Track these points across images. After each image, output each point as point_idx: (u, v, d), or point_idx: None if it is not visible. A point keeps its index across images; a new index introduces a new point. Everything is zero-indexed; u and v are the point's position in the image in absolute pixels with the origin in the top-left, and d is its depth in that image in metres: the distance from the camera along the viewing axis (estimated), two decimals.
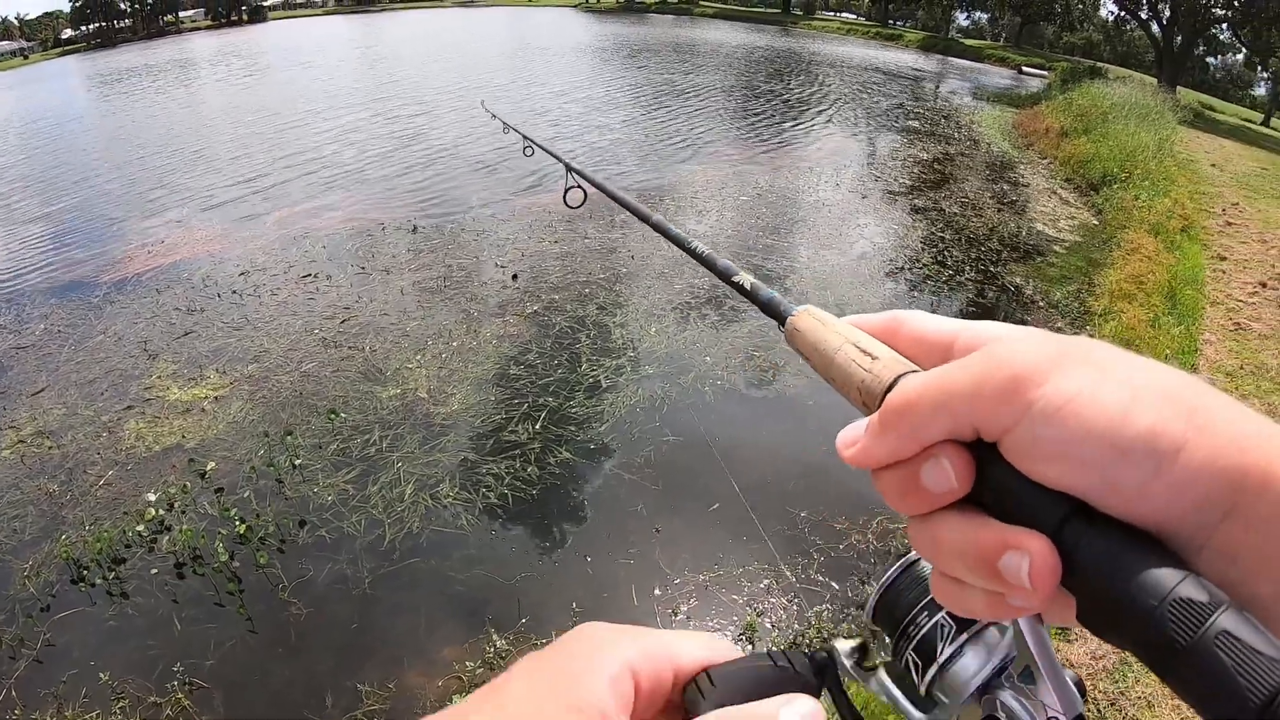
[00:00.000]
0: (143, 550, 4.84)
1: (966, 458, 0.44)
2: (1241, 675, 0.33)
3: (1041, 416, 0.40)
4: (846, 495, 5.69)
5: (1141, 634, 0.36)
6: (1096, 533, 0.39)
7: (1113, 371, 0.41)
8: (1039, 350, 0.42)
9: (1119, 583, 0.38)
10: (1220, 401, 0.40)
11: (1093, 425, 0.39)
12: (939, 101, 28.56)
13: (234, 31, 50.61)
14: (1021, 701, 0.53)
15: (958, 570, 0.45)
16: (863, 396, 0.52)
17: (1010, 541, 0.41)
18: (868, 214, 12.81)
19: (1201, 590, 0.35)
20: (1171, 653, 0.35)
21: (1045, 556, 0.39)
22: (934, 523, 0.46)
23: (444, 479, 5.59)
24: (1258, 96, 73.11)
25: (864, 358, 0.53)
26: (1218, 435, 0.38)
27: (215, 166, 14.21)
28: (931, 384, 0.45)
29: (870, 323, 0.57)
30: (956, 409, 0.43)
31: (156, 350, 7.29)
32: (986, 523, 0.43)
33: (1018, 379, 0.41)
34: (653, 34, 47.28)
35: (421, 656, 4.28)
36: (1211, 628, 0.34)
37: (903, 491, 0.46)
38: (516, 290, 8.78)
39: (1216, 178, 17.66)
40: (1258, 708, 0.32)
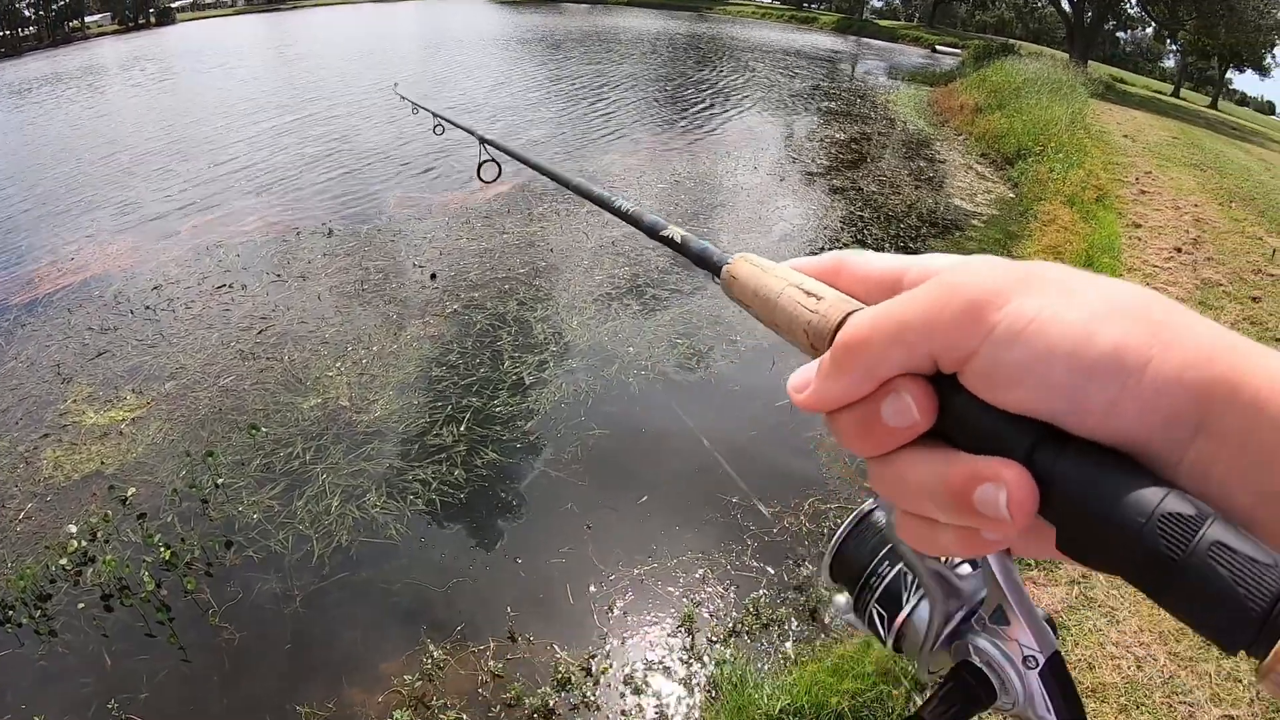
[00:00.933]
0: (68, 584, 4.76)
1: (927, 389, 0.43)
2: (1240, 584, 0.33)
3: (1003, 339, 0.39)
4: (777, 478, 5.78)
5: (1130, 554, 0.36)
6: (1071, 456, 0.39)
7: (1075, 290, 0.40)
8: (997, 273, 0.42)
9: (1100, 504, 0.37)
10: (1186, 316, 0.39)
11: (1057, 344, 0.38)
12: (855, 82, 28.87)
13: (143, 35, 49.21)
14: (995, 643, 0.53)
15: (927, 508, 0.44)
16: (810, 339, 0.51)
17: (983, 473, 0.40)
18: (786, 196, 12.94)
19: (1187, 504, 0.35)
20: (1164, 569, 0.35)
21: (1022, 484, 0.39)
22: (897, 461, 0.45)
23: (370, 489, 5.58)
24: (1167, 69, 74.79)
25: (808, 299, 0.52)
26: (1184, 348, 0.37)
27: (127, 176, 13.85)
28: (884, 316, 0.44)
29: (811, 265, 0.56)
30: (913, 340, 0.42)
31: (70, 373, 7.15)
32: (954, 456, 0.42)
33: (976, 303, 0.41)
34: (568, 24, 46.84)
35: (360, 672, 4.27)
36: (1203, 540, 0.34)
37: (862, 432, 0.45)
38: (436, 290, 8.75)
39: (1129, 148, 18.09)
40: (1260, 615, 0.32)
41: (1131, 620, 4.31)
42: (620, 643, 4.48)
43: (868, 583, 0.64)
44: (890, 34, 54.35)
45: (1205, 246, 11.18)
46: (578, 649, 4.42)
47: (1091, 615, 4.35)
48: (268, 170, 13.90)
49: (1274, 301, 9.36)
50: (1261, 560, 0.33)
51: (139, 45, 40.59)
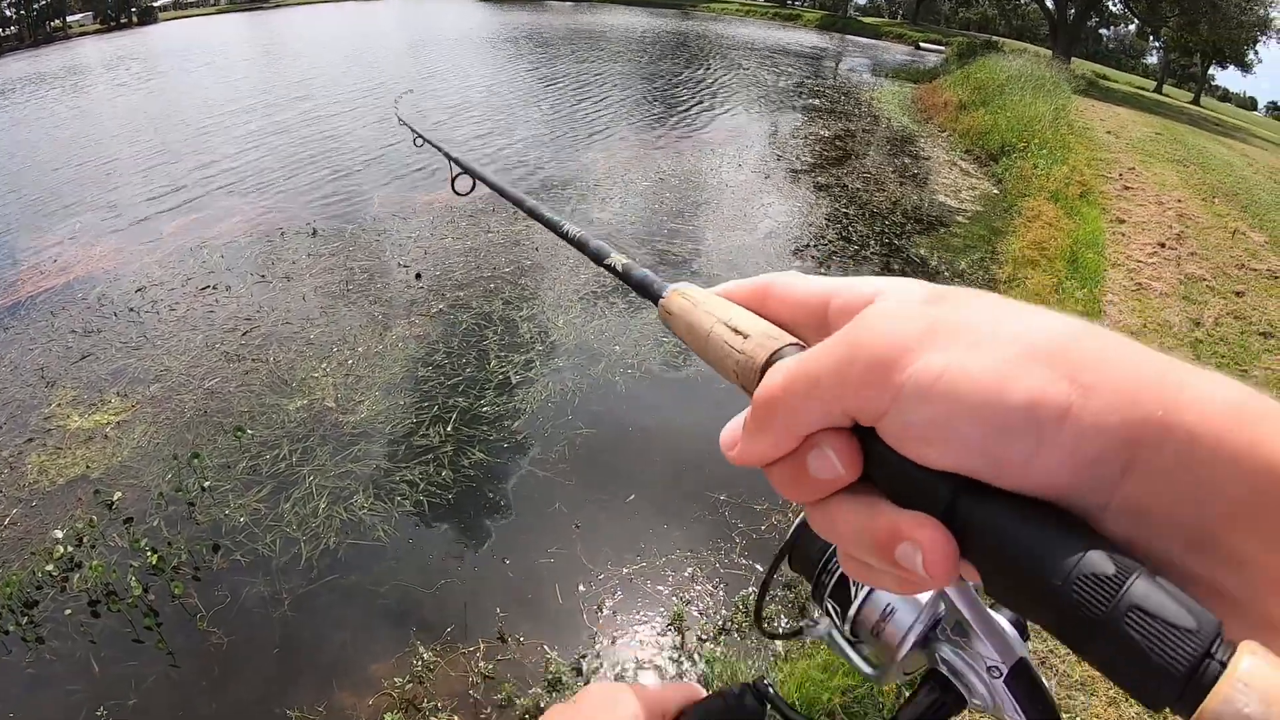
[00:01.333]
0: (55, 591, 4.73)
1: (851, 442, 0.42)
2: (1155, 652, 0.32)
3: (912, 399, 0.38)
4: (764, 476, 5.77)
5: (1050, 611, 0.35)
6: (991, 509, 0.38)
7: (987, 337, 0.39)
8: (904, 324, 0.41)
9: (1021, 560, 0.36)
10: (1111, 350, 0.38)
11: (967, 402, 0.37)
12: (839, 79, 29.00)
13: (125, 35, 48.82)
14: (959, 655, 0.54)
15: (861, 553, 0.44)
16: (741, 379, 0.51)
17: (903, 531, 0.39)
18: (772, 193, 12.95)
19: (1108, 561, 0.34)
20: (1083, 629, 0.34)
21: (937, 546, 0.38)
22: (829, 509, 0.45)
23: (358, 490, 5.56)
24: (1150, 65, 75.39)
25: (735, 337, 0.52)
26: (1106, 391, 0.36)
27: (110, 177, 13.75)
28: (797, 374, 0.44)
29: (740, 292, 0.56)
30: (825, 398, 0.42)
31: (54, 377, 7.10)
32: (880, 508, 0.42)
33: (882, 362, 0.39)
34: (553, 22, 46.78)
35: (349, 675, 4.26)
36: (1121, 603, 0.33)
37: (792, 483, 0.45)
38: (421, 289, 8.72)
39: (1112, 144, 18.22)
40: (1177, 684, 0.32)
41: None
42: (610, 642, 4.48)
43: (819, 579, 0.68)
44: (874, 31, 54.64)
45: (1188, 241, 11.27)
46: (568, 649, 4.42)
47: None
48: (251, 170, 13.81)
49: (1257, 295, 9.43)
50: (1180, 625, 0.32)
51: (121, 45, 40.34)
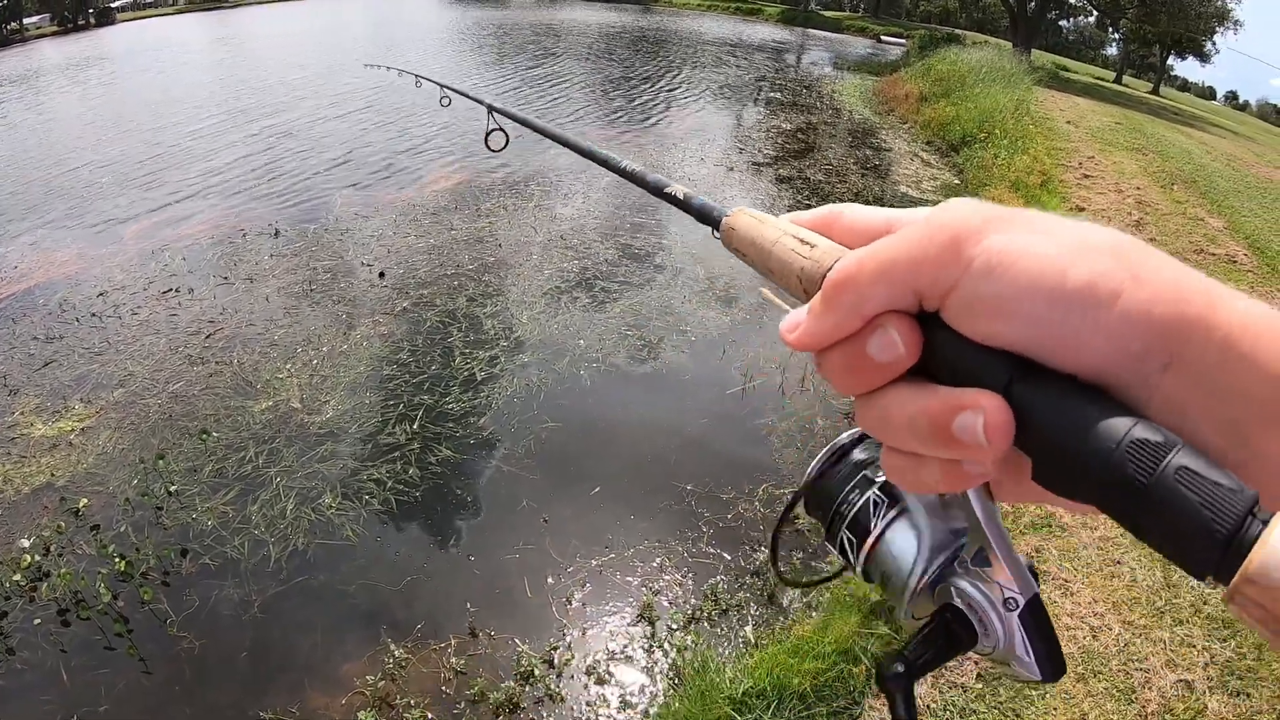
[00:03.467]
0: (23, 601, 4.68)
1: (912, 324, 0.44)
2: (1205, 507, 0.34)
3: (981, 272, 0.41)
4: (731, 465, 5.83)
5: (1101, 480, 0.37)
6: (1045, 387, 0.40)
7: (1050, 228, 0.42)
8: (977, 211, 0.43)
9: (1073, 433, 0.38)
10: (1159, 257, 0.41)
11: (1032, 277, 0.40)
12: (801, 72, 29.06)
13: (83, 37, 47.95)
14: (976, 585, 0.54)
15: (910, 443, 0.45)
16: (803, 284, 0.53)
17: (962, 402, 0.41)
18: (734, 186, 13.04)
19: (1155, 431, 0.36)
20: (1133, 494, 0.36)
21: (998, 411, 0.40)
22: (883, 398, 0.46)
23: (325, 490, 5.55)
24: (1109, 56, 76.14)
25: (803, 246, 0.54)
26: (1155, 285, 0.39)
27: (69, 182, 13.53)
28: (872, 254, 0.46)
29: (806, 218, 0.58)
30: (898, 276, 0.44)
31: (17, 385, 7.01)
32: (936, 390, 0.44)
33: (956, 238, 0.42)
34: (514, 18, 46.56)
35: (322, 675, 4.25)
36: (1169, 465, 0.35)
37: (850, 368, 0.47)
38: (385, 288, 8.69)
39: (1072, 134, 18.36)
40: (1225, 537, 0.33)
41: (1085, 591, 4.39)
42: (581, 634, 4.50)
43: (839, 510, 0.66)
44: (835, 25, 54.67)
45: (1148, 228, 11.39)
46: (539, 642, 4.43)
47: (1046, 587, 4.42)
48: (212, 172, 13.65)
49: (1216, 279, 9.49)
50: (1226, 484, 0.34)
51: (79, 47, 39.73)
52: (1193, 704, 3.78)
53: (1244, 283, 9.57)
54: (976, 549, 0.55)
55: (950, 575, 0.57)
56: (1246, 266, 10.26)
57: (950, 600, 0.55)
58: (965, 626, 0.54)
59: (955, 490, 0.49)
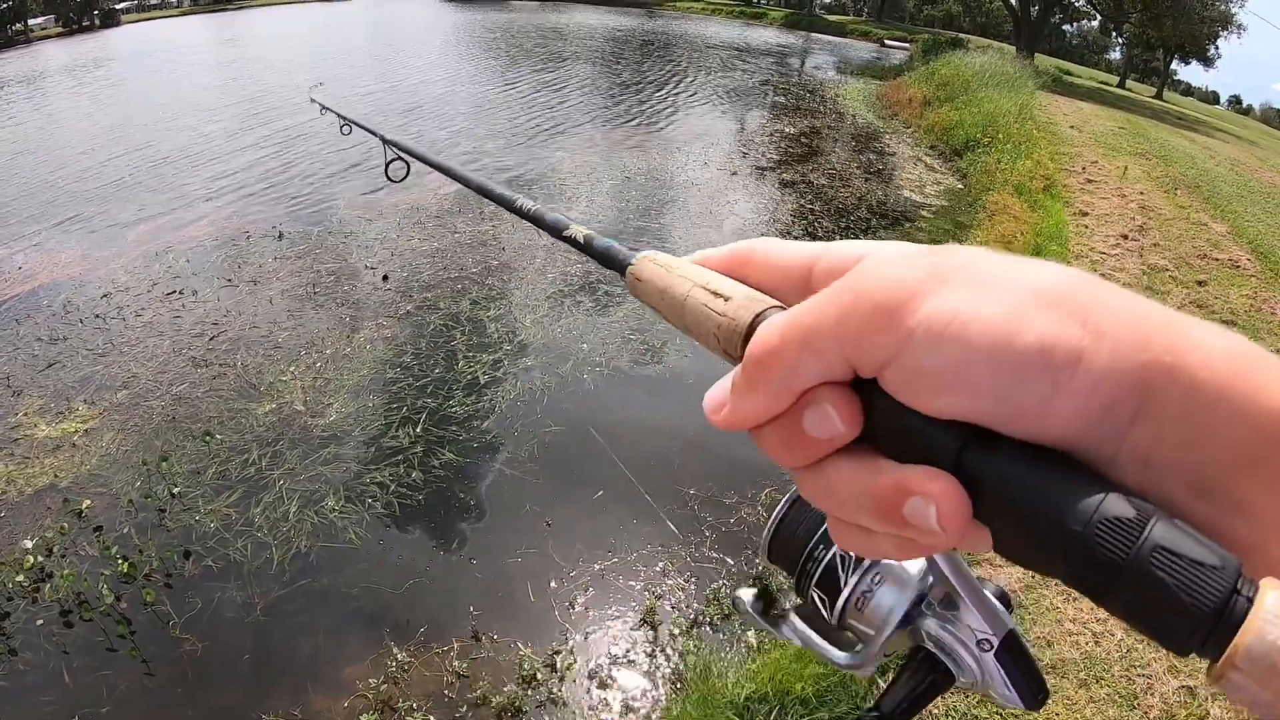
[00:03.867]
0: (26, 601, 4.69)
1: (850, 397, 0.40)
2: (1184, 590, 0.32)
3: (923, 344, 0.37)
4: (734, 468, 5.81)
5: (1069, 560, 0.34)
6: (1001, 459, 0.37)
7: (993, 280, 0.38)
8: (910, 269, 0.39)
9: (1036, 509, 0.35)
10: (1115, 298, 0.37)
11: (980, 345, 0.36)
12: (804, 76, 29.17)
13: (88, 38, 47.98)
14: (947, 628, 0.53)
15: (859, 519, 0.42)
16: (722, 344, 0.49)
17: (911, 486, 0.38)
18: (738, 190, 12.99)
19: (1127, 505, 0.34)
20: (1106, 577, 0.33)
21: (950, 497, 0.37)
22: (825, 472, 0.43)
23: (328, 493, 5.55)
24: (1113, 61, 76.29)
25: (716, 300, 0.50)
26: (1116, 335, 0.35)
27: (74, 183, 13.54)
28: (792, 324, 0.41)
29: (717, 258, 0.53)
30: (825, 348, 0.40)
31: (21, 386, 7.02)
32: (882, 466, 0.40)
33: (889, 306, 0.38)
34: (516, 21, 46.64)
35: (324, 679, 4.25)
36: (1145, 545, 0.32)
37: (785, 446, 0.43)
38: (389, 291, 8.70)
39: (1076, 138, 18.40)
40: (1208, 618, 0.31)
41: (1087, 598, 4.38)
42: (584, 638, 4.50)
43: (804, 568, 0.64)
44: (839, 29, 54.82)
45: (1151, 233, 11.39)
46: (542, 646, 4.43)
47: (1048, 593, 4.43)
48: (216, 174, 13.69)
49: (1219, 285, 9.56)
50: (1206, 562, 0.32)
51: (83, 49, 39.80)
52: (1195, 710, 3.78)
53: (1247, 288, 9.58)
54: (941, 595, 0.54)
55: (918, 616, 0.56)
56: (1250, 271, 10.26)
57: (921, 642, 0.55)
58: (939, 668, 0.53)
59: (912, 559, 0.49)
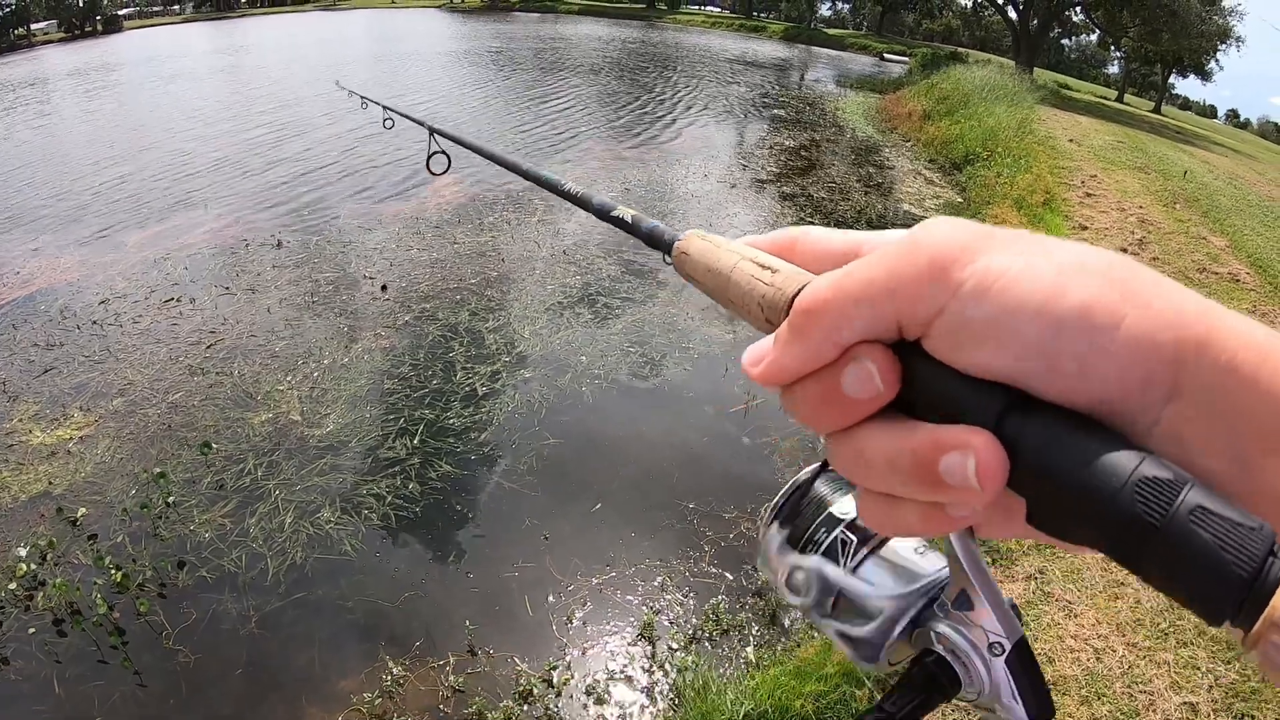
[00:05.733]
0: (18, 610, 4.65)
1: (891, 356, 0.41)
2: (1225, 549, 0.31)
3: (970, 296, 0.38)
4: (733, 483, 5.81)
5: (1106, 522, 0.34)
6: (1041, 421, 0.37)
7: (1044, 248, 0.39)
8: (962, 231, 0.40)
9: (1073, 471, 0.35)
10: (1154, 277, 0.38)
11: (1026, 300, 0.36)
12: (804, 90, 29.39)
13: (90, 44, 48.02)
14: (959, 629, 0.51)
15: (890, 485, 0.42)
16: (765, 312, 0.49)
17: (949, 441, 0.38)
18: (737, 203, 13.07)
19: (1164, 468, 0.34)
20: (1143, 537, 0.33)
21: (991, 450, 0.37)
22: (858, 436, 0.42)
23: (324, 504, 5.52)
24: (1111, 75, 76.71)
25: (763, 271, 0.50)
26: (1157, 309, 0.36)
27: (72, 189, 13.50)
28: (847, 277, 0.42)
29: (765, 241, 0.54)
30: (876, 301, 0.40)
31: (16, 391, 6.99)
32: (918, 427, 0.40)
33: (942, 260, 0.39)
34: (518, 32, 46.86)
35: (319, 691, 4.22)
36: (1183, 504, 0.32)
37: (822, 404, 0.43)
38: (387, 301, 8.69)
39: (1075, 152, 18.42)
40: (1246, 580, 0.31)
41: (1089, 613, 4.37)
42: (581, 653, 4.47)
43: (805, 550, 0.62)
44: (838, 42, 55.29)
45: (1150, 247, 11.40)
46: (539, 661, 4.40)
47: (1049, 609, 4.41)
48: (215, 181, 13.70)
49: (1219, 298, 9.25)
50: (1245, 524, 0.32)
51: (85, 54, 39.86)
52: None
53: (1246, 301, 9.58)
54: (958, 591, 0.52)
55: (929, 619, 0.54)
56: (1249, 285, 10.27)
57: (930, 645, 0.53)
58: (947, 673, 0.51)
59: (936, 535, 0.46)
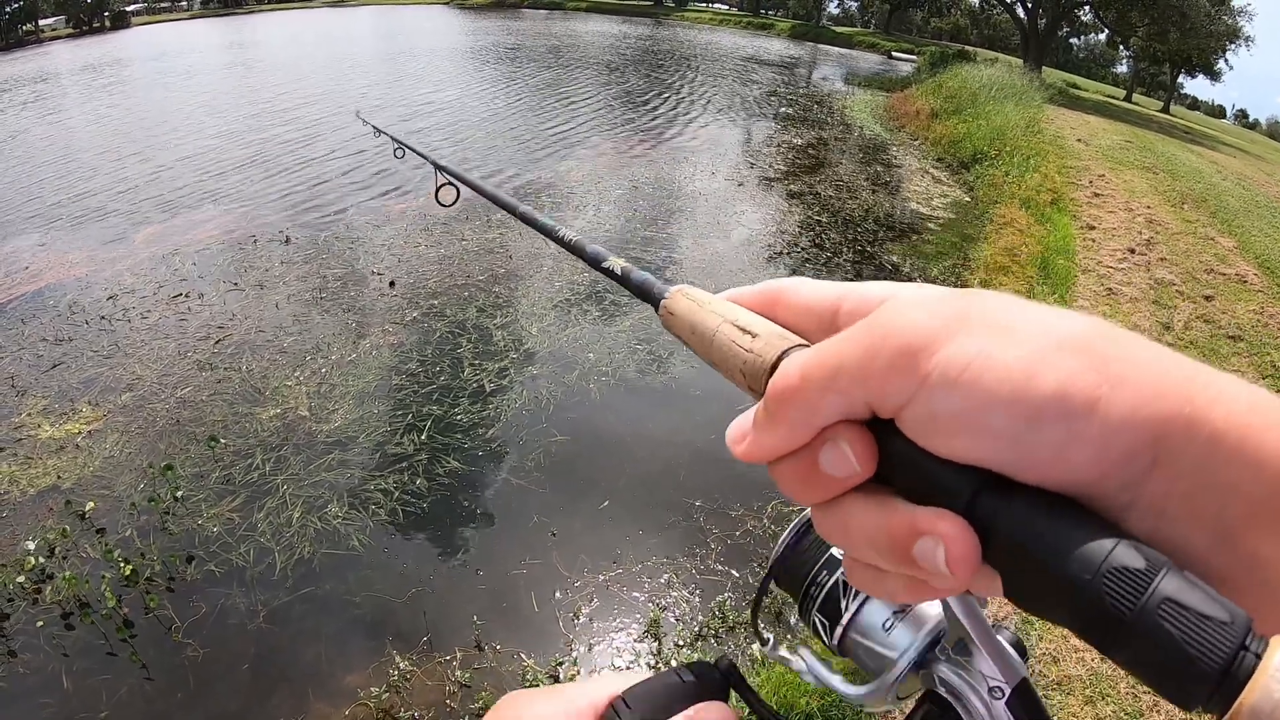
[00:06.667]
0: (26, 603, 4.67)
1: (866, 437, 0.41)
2: (1191, 644, 0.31)
3: (939, 388, 0.37)
4: (739, 481, 5.79)
5: (1077, 609, 0.34)
6: (1014, 505, 0.37)
7: (1012, 326, 0.38)
8: (929, 314, 0.39)
9: (1045, 556, 0.35)
10: (1135, 346, 0.37)
11: (996, 390, 0.36)
12: (812, 88, 29.31)
13: (98, 40, 48.10)
14: (960, 674, 0.51)
15: (871, 558, 0.42)
16: (747, 379, 0.50)
17: (921, 526, 0.38)
18: (745, 201, 13.02)
19: (1137, 556, 0.33)
20: (1112, 627, 0.33)
21: (960, 540, 0.37)
22: (840, 509, 0.43)
23: (332, 499, 5.54)
24: (1120, 74, 76.56)
25: (743, 336, 0.51)
26: (1135, 384, 0.35)
27: (81, 184, 13.52)
28: (814, 362, 0.42)
29: (748, 296, 0.55)
30: (846, 388, 0.40)
31: (25, 386, 7.01)
32: (895, 506, 0.40)
33: (909, 349, 0.38)
34: (526, 30, 46.89)
35: (326, 686, 4.23)
36: (1153, 597, 0.32)
37: (802, 481, 0.43)
38: (395, 298, 8.70)
39: (1083, 152, 18.42)
40: (1214, 674, 0.31)
41: None
42: (587, 649, 4.48)
43: (808, 592, 0.64)
44: (846, 40, 55.22)
45: (1158, 247, 11.39)
46: (545, 656, 4.41)
47: None
48: (224, 177, 13.72)
49: (1226, 299, 9.54)
50: (1215, 617, 0.32)
51: (93, 50, 39.94)
52: None
53: (1254, 303, 9.57)
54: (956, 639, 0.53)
55: (932, 661, 0.55)
56: (1257, 286, 10.26)
57: (933, 687, 0.54)
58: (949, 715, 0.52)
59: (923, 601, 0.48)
